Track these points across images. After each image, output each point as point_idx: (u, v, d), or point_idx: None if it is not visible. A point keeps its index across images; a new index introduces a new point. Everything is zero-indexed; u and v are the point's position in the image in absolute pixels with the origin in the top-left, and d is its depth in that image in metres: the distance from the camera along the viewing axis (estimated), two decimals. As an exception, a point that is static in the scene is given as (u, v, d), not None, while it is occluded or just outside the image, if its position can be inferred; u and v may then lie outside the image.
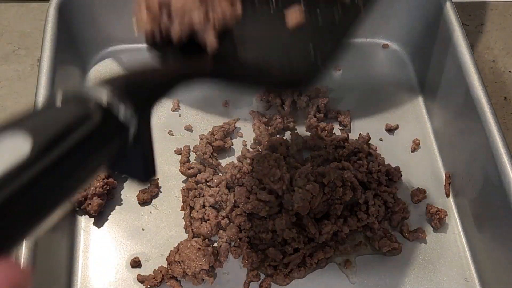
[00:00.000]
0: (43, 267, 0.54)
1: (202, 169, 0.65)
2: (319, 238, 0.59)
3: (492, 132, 0.58)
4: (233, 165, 0.64)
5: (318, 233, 0.59)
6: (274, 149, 0.64)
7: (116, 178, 0.64)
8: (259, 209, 0.58)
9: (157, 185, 0.65)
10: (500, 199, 0.57)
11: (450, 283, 0.60)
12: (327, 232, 0.59)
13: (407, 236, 0.63)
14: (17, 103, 0.74)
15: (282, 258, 0.58)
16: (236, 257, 0.59)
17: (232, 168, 0.63)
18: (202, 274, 0.57)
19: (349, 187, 0.61)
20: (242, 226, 0.59)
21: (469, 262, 0.62)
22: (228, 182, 0.62)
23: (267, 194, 0.58)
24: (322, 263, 0.60)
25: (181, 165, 0.66)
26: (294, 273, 0.59)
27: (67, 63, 0.68)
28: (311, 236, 0.59)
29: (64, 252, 0.59)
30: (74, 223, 0.62)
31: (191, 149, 0.68)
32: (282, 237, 0.58)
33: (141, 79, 0.36)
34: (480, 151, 0.60)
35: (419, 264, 0.62)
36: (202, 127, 0.71)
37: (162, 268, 0.58)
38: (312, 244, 0.59)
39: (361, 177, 0.63)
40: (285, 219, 0.58)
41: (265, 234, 0.58)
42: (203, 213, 0.61)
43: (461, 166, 0.65)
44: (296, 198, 0.57)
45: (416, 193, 0.66)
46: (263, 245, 0.59)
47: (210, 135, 0.68)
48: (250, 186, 0.60)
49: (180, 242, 0.59)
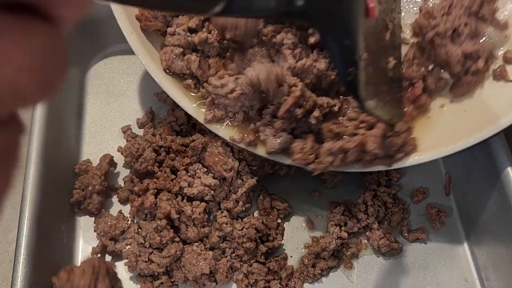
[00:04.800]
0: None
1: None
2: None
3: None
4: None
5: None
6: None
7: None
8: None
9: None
10: (500, 199, 0.57)
11: (450, 283, 0.60)
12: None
13: (407, 236, 0.63)
14: (16, 103, 0.74)
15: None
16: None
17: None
18: (203, 279, 0.58)
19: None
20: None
21: (469, 262, 0.62)
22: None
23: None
24: (325, 273, 0.60)
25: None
26: (292, 282, 0.59)
27: (66, 63, 0.68)
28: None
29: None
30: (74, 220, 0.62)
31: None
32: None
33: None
34: (480, 151, 0.60)
35: (419, 264, 0.62)
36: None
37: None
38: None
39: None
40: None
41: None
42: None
43: (461, 166, 0.65)
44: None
45: (416, 193, 0.66)
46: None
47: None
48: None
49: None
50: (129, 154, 0.64)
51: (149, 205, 0.60)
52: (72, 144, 0.67)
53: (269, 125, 0.55)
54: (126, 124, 0.69)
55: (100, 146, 0.68)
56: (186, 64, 0.58)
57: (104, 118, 0.71)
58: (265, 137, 0.56)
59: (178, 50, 0.58)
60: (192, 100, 0.59)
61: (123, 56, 0.76)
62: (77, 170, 0.64)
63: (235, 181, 0.62)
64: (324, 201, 0.66)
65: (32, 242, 0.53)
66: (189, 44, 0.57)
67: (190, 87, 0.59)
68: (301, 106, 0.54)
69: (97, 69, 0.75)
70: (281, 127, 0.55)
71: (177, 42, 0.58)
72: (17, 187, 0.66)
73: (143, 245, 0.58)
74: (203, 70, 0.57)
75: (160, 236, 0.57)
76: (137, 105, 0.72)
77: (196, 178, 0.61)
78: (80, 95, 0.72)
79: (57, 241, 0.59)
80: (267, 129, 0.56)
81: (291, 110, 0.54)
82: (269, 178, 0.66)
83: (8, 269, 0.60)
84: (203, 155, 0.63)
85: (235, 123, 0.58)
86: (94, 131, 0.70)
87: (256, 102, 0.56)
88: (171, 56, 0.58)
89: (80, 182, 0.63)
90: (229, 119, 0.58)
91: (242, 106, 0.56)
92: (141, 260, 0.57)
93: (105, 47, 0.76)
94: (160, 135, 0.66)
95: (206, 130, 0.66)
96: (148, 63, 0.58)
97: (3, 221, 0.64)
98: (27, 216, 0.54)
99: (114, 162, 0.66)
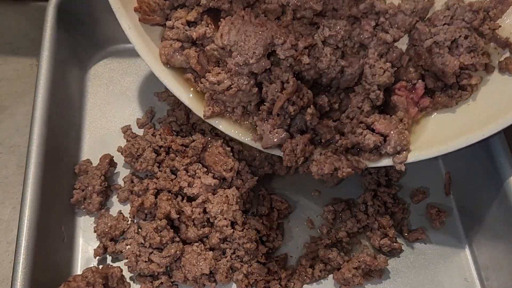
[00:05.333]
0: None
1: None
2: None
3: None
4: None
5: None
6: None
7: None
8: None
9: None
10: (500, 199, 0.57)
11: (450, 283, 0.60)
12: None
13: (407, 236, 0.63)
14: (16, 102, 0.74)
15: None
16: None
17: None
18: (203, 279, 0.58)
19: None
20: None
21: (469, 262, 0.62)
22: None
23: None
24: (324, 273, 0.60)
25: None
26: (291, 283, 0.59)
27: (66, 63, 0.68)
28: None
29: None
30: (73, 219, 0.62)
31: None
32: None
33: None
34: (480, 151, 0.60)
35: (419, 264, 0.62)
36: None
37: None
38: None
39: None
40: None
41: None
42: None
43: (461, 166, 0.65)
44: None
45: (416, 193, 0.66)
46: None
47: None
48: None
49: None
50: (129, 154, 0.64)
51: (149, 205, 0.60)
52: (72, 144, 0.67)
53: (266, 120, 0.56)
54: (126, 124, 0.69)
55: (100, 146, 0.68)
56: (185, 59, 0.58)
57: (104, 118, 0.71)
58: (262, 132, 0.56)
59: (177, 45, 0.58)
60: (192, 94, 0.59)
61: (123, 56, 0.76)
62: (77, 170, 0.64)
63: (235, 181, 0.62)
64: (324, 201, 0.66)
65: (32, 242, 0.53)
66: (187, 38, 0.57)
67: (190, 80, 0.59)
68: (294, 103, 0.54)
69: (97, 69, 0.75)
70: (277, 124, 0.55)
71: (175, 36, 0.58)
72: (17, 187, 0.66)
73: (143, 245, 0.58)
74: (202, 65, 0.57)
75: (160, 236, 0.57)
76: (137, 105, 0.72)
77: (196, 178, 0.61)
78: (80, 95, 0.72)
79: (57, 241, 0.59)
80: (264, 124, 0.56)
81: (284, 107, 0.54)
82: (269, 178, 0.66)
83: (8, 269, 0.60)
84: (203, 155, 0.63)
85: (234, 117, 0.58)
86: (94, 131, 0.70)
87: (254, 98, 0.56)
88: (170, 50, 0.58)
89: (80, 182, 0.63)
90: (228, 114, 0.58)
91: (240, 102, 0.56)
92: (141, 260, 0.57)
93: (105, 47, 0.76)
94: (160, 135, 0.66)
95: (206, 130, 0.66)
96: (147, 57, 0.58)
97: (3, 221, 0.65)
98: (27, 216, 0.54)
99: (114, 162, 0.66)
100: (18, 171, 0.68)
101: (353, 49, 0.57)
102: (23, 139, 0.70)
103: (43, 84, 0.62)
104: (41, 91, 0.61)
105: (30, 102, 0.61)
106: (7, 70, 0.77)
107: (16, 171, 0.68)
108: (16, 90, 0.75)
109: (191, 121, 0.67)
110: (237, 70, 0.54)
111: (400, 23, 0.55)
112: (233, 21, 0.54)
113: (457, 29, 0.53)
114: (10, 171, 0.68)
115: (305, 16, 0.56)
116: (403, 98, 0.56)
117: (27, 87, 0.75)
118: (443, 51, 0.54)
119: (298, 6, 0.55)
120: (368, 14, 0.55)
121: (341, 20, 0.55)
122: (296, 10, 0.55)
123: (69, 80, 0.70)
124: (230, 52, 0.54)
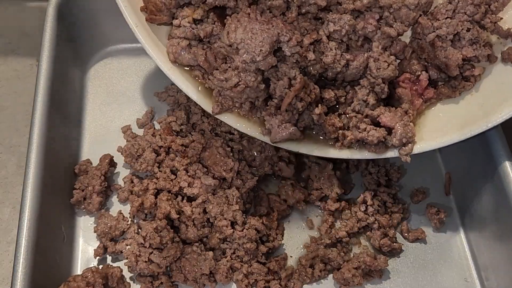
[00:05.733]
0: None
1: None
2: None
3: (492, 132, 0.58)
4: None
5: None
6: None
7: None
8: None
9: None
10: (500, 199, 0.57)
11: (450, 283, 0.60)
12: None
13: (407, 236, 0.63)
14: (16, 102, 0.74)
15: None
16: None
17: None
18: (203, 279, 0.58)
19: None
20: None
21: (469, 262, 0.62)
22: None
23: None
24: (324, 273, 0.60)
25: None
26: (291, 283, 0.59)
27: (66, 63, 0.68)
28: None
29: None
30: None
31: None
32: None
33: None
34: (480, 151, 0.60)
35: (419, 264, 0.62)
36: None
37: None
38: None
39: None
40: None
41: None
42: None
43: (461, 166, 0.65)
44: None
45: (416, 193, 0.66)
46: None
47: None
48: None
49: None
50: (129, 154, 0.64)
51: (149, 205, 0.60)
52: (72, 144, 0.67)
53: (274, 114, 0.56)
54: (126, 124, 0.69)
55: (100, 146, 0.68)
56: (193, 57, 0.58)
57: (104, 118, 0.71)
58: (270, 127, 0.57)
59: (184, 43, 0.58)
60: (200, 91, 0.59)
61: (123, 56, 0.76)
62: (77, 170, 0.64)
63: (235, 181, 0.62)
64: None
65: (32, 242, 0.53)
66: (195, 36, 0.58)
67: (198, 77, 0.59)
68: (302, 99, 0.55)
69: (97, 69, 0.75)
70: (285, 119, 0.56)
71: (183, 35, 0.58)
72: (17, 187, 0.66)
73: (143, 245, 0.58)
74: (210, 63, 0.57)
75: (160, 236, 0.57)
76: (137, 105, 0.72)
77: (196, 178, 0.61)
78: (80, 95, 0.72)
79: (57, 241, 0.59)
80: (272, 119, 0.57)
81: (292, 103, 0.54)
82: (269, 178, 0.66)
83: (8, 269, 0.60)
84: (203, 155, 0.63)
85: (242, 112, 0.59)
86: (94, 131, 0.70)
87: (261, 94, 0.56)
88: (177, 48, 0.58)
89: (80, 182, 0.63)
90: (236, 109, 0.59)
91: (248, 98, 0.57)
92: (141, 260, 0.57)
93: (105, 47, 0.76)
94: (160, 135, 0.66)
95: (206, 130, 0.66)
96: (156, 55, 0.58)
97: (3, 221, 0.65)
98: (27, 216, 0.54)
99: (114, 162, 0.66)
100: (18, 171, 0.68)
101: (358, 42, 0.58)
102: (23, 139, 0.70)
103: (43, 84, 0.62)
104: (41, 91, 0.61)
105: (30, 102, 0.61)
106: (7, 70, 0.77)
107: (15, 171, 0.68)
108: (16, 90, 0.75)
109: (191, 121, 0.68)
110: (244, 67, 0.54)
111: (404, 17, 0.55)
112: (239, 18, 0.54)
113: (459, 22, 0.53)
114: (10, 171, 0.68)
115: (309, 11, 0.56)
116: (408, 90, 0.57)
117: (27, 87, 0.75)
118: (446, 45, 0.54)
119: (303, 1, 0.55)
120: (372, 8, 0.56)
121: (345, 14, 0.56)
122: (300, 6, 0.56)
123: (69, 80, 0.70)
124: (237, 49, 0.54)
